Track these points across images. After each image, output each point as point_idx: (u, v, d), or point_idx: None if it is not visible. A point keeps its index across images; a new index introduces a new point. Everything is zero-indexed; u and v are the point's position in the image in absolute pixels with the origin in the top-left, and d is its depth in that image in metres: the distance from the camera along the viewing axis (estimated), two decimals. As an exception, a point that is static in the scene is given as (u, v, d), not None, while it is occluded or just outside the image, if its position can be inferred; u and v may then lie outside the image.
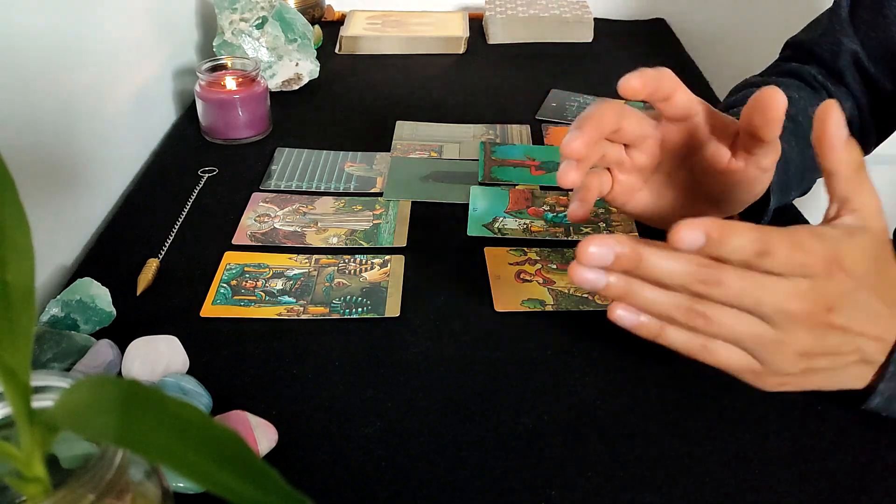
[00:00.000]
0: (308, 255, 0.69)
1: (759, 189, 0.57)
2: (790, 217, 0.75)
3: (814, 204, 0.73)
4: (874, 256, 0.45)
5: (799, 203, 0.78)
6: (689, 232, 0.41)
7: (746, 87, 0.75)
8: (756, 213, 0.64)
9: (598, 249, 0.42)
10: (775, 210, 0.66)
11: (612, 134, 0.54)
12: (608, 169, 0.57)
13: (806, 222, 0.74)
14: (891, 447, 0.51)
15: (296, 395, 0.55)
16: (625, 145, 0.56)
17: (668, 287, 0.44)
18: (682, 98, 0.54)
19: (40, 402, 0.32)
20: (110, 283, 0.63)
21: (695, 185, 0.57)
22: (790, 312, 0.43)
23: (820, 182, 0.71)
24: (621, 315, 0.46)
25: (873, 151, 0.85)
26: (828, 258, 0.43)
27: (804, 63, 0.77)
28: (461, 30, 1.20)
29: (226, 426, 0.25)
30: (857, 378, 0.49)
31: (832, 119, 0.44)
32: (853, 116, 0.76)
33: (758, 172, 0.55)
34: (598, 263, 0.43)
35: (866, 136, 0.78)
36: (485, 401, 0.55)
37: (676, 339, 0.46)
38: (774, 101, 0.49)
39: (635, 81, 0.51)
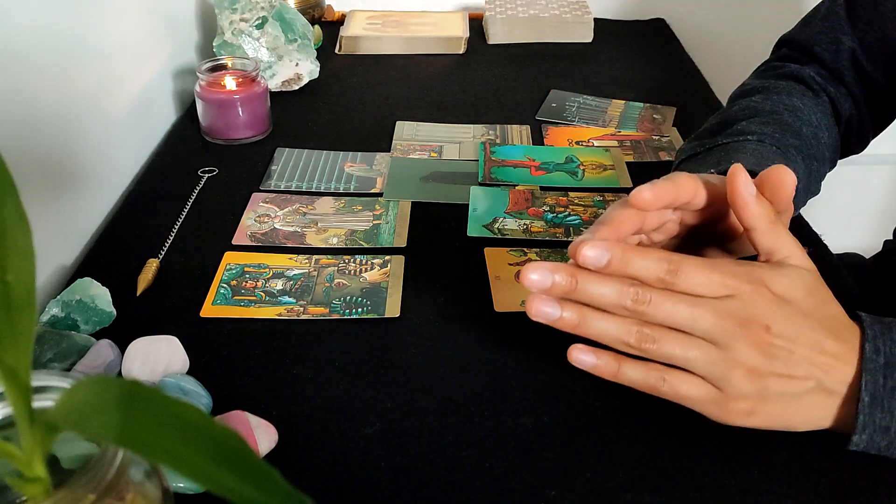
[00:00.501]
0: (308, 256, 0.69)
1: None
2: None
3: (815, 205, 0.74)
4: (809, 288, 0.48)
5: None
6: (591, 250, 0.45)
7: (744, 96, 0.74)
8: None
9: (537, 276, 0.46)
10: None
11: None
12: None
13: (807, 223, 0.74)
14: (890, 447, 0.51)
15: (296, 395, 0.55)
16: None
17: (614, 314, 0.47)
18: (701, 198, 0.52)
19: (41, 402, 0.32)
20: (110, 283, 0.63)
21: (717, 245, 0.57)
22: (726, 328, 0.45)
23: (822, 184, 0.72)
24: (578, 358, 0.49)
25: (874, 152, 0.86)
26: (752, 279, 0.46)
27: (801, 62, 0.77)
28: (461, 30, 1.20)
29: (226, 426, 0.25)
30: (821, 408, 0.48)
31: (740, 180, 0.48)
32: (852, 115, 0.76)
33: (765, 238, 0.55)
34: (539, 288, 0.46)
35: (863, 133, 0.78)
36: (485, 401, 0.55)
37: (634, 375, 0.48)
38: (785, 182, 0.50)
39: (647, 195, 0.49)
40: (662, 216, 0.54)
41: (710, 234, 0.56)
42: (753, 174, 0.59)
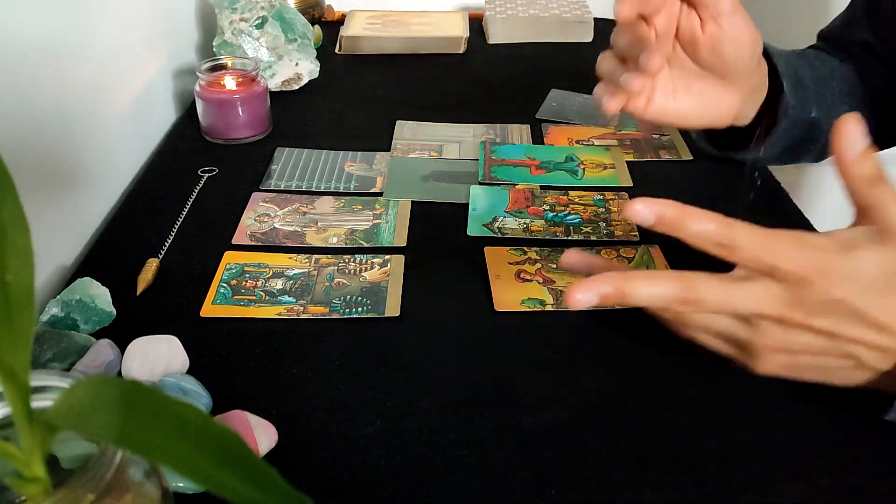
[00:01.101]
0: (308, 255, 0.69)
1: (742, 33, 0.61)
2: (793, 220, 0.75)
3: (815, 206, 0.73)
4: (884, 272, 0.44)
5: (801, 203, 0.78)
6: (642, 206, 0.44)
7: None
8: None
9: (584, 296, 0.44)
10: (781, 214, 0.68)
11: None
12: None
13: (808, 223, 0.74)
14: (891, 447, 0.51)
15: (296, 395, 0.55)
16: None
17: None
18: None
19: (40, 402, 0.32)
20: (110, 283, 0.63)
21: (701, 67, 0.63)
22: (763, 315, 0.45)
23: (821, 181, 0.72)
24: (580, 299, 0.46)
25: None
26: (811, 266, 0.43)
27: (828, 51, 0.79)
28: (461, 30, 1.20)
29: (226, 426, 0.25)
30: (854, 378, 0.48)
31: (848, 133, 0.45)
32: (878, 83, 0.77)
33: (727, 19, 0.60)
34: (588, 306, 0.45)
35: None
36: (485, 401, 0.55)
37: (650, 291, 0.46)
38: None
39: (626, 7, 0.56)
40: (669, 19, 0.61)
41: (695, 62, 0.63)
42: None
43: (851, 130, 0.45)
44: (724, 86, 0.65)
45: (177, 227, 0.73)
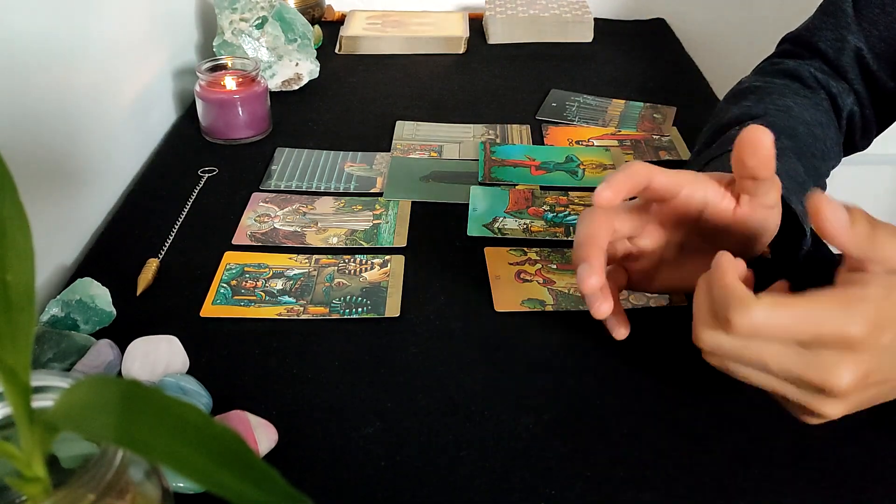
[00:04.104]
0: (308, 255, 0.69)
1: (772, 225, 0.55)
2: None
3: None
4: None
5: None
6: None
7: (738, 97, 0.74)
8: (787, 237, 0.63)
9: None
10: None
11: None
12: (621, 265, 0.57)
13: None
14: (891, 447, 0.51)
15: (296, 395, 0.55)
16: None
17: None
18: (661, 182, 0.52)
19: (40, 402, 0.32)
20: (110, 283, 0.63)
21: (709, 245, 0.54)
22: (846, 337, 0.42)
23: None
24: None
25: (875, 151, 0.86)
26: (871, 322, 0.42)
27: (804, 57, 0.77)
28: (461, 30, 1.20)
29: (226, 426, 0.25)
30: None
31: (827, 212, 0.44)
32: (853, 112, 0.76)
33: (765, 211, 0.54)
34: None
35: (867, 130, 0.78)
36: (485, 401, 0.55)
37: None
38: (761, 141, 0.49)
39: (608, 193, 0.51)
40: (633, 220, 0.55)
41: (703, 238, 0.55)
42: None
43: (829, 209, 0.44)
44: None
45: (177, 227, 0.73)
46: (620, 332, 0.54)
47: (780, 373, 0.44)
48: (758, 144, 0.49)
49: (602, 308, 0.51)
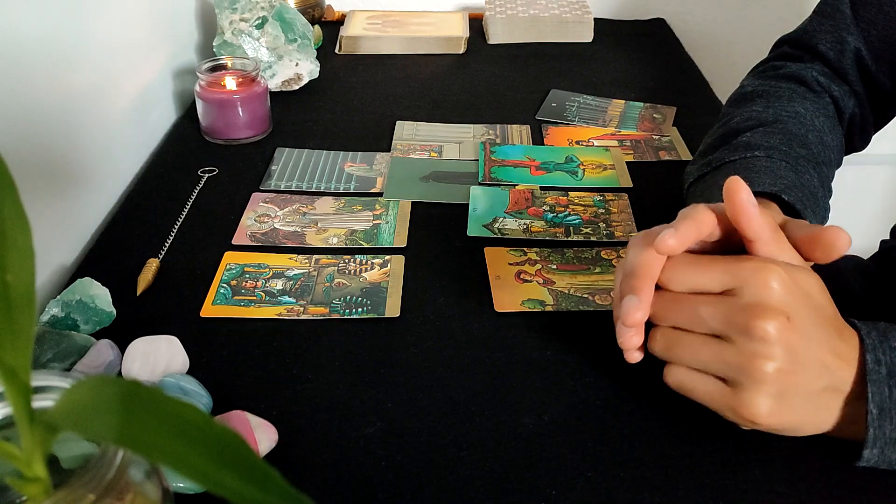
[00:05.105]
0: (308, 256, 0.69)
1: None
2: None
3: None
4: (818, 286, 0.48)
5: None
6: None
7: (744, 101, 0.74)
8: None
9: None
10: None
11: None
12: None
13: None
14: (891, 447, 0.51)
15: (296, 395, 0.55)
16: None
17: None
18: (720, 227, 0.51)
19: (40, 402, 0.32)
20: (110, 283, 0.63)
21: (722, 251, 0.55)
22: (736, 322, 0.46)
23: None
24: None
25: (873, 151, 0.86)
26: (762, 266, 0.46)
27: (804, 60, 0.77)
28: (461, 30, 1.20)
29: (226, 426, 0.25)
30: (829, 409, 0.48)
31: (742, 194, 0.47)
32: (854, 114, 0.76)
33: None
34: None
35: (866, 130, 0.78)
36: (485, 401, 0.55)
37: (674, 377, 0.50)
38: (840, 244, 0.49)
39: (672, 242, 0.48)
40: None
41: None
42: (772, 196, 0.59)
43: (744, 192, 0.48)
44: None
45: (177, 227, 0.73)
46: (635, 356, 0.52)
47: (713, 324, 0.47)
48: (836, 247, 0.49)
49: (633, 349, 0.51)
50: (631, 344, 0.51)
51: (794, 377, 0.45)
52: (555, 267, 0.68)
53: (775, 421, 0.47)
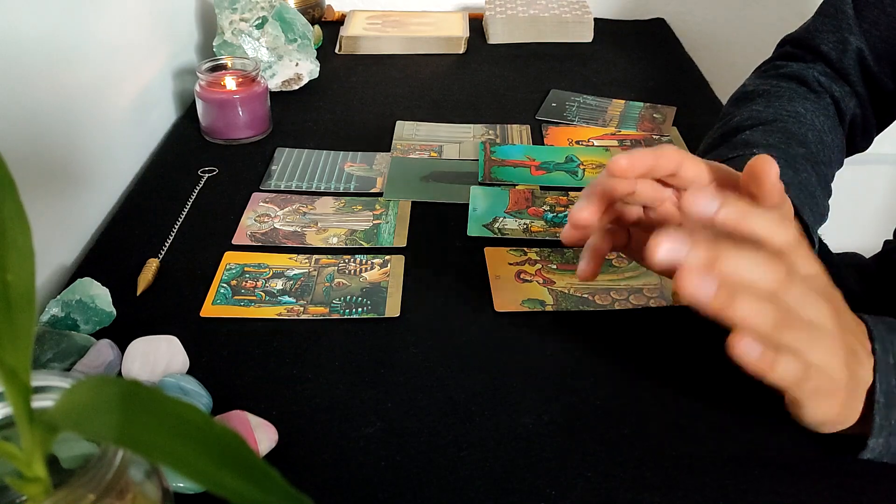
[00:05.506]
0: (308, 255, 0.69)
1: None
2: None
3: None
4: (828, 287, 0.46)
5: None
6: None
7: (745, 100, 0.74)
8: None
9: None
10: None
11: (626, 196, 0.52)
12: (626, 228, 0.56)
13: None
14: (891, 447, 0.51)
15: (296, 395, 0.55)
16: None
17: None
18: (690, 171, 0.50)
19: (40, 402, 0.32)
20: (110, 283, 0.63)
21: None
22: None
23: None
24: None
25: (875, 151, 0.86)
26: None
27: (806, 60, 0.77)
28: (461, 30, 1.20)
29: (226, 426, 0.25)
30: (838, 395, 0.46)
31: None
32: (856, 115, 0.76)
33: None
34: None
35: (868, 131, 0.78)
36: (485, 401, 0.55)
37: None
38: (767, 173, 0.48)
39: (623, 163, 0.48)
40: (656, 190, 0.52)
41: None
42: None
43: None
44: None
45: (177, 227, 0.73)
46: (587, 270, 0.51)
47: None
48: (762, 176, 0.48)
49: (582, 213, 0.49)
50: (580, 216, 0.49)
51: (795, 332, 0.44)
52: (555, 267, 0.68)
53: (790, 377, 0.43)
